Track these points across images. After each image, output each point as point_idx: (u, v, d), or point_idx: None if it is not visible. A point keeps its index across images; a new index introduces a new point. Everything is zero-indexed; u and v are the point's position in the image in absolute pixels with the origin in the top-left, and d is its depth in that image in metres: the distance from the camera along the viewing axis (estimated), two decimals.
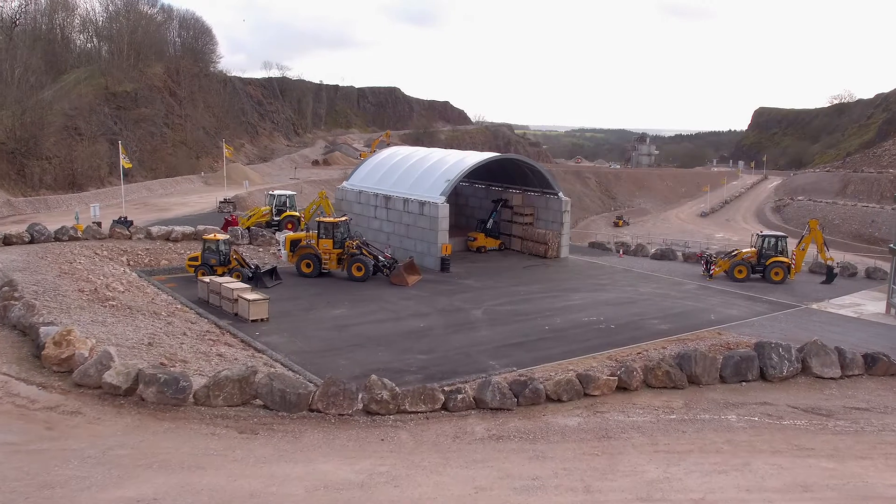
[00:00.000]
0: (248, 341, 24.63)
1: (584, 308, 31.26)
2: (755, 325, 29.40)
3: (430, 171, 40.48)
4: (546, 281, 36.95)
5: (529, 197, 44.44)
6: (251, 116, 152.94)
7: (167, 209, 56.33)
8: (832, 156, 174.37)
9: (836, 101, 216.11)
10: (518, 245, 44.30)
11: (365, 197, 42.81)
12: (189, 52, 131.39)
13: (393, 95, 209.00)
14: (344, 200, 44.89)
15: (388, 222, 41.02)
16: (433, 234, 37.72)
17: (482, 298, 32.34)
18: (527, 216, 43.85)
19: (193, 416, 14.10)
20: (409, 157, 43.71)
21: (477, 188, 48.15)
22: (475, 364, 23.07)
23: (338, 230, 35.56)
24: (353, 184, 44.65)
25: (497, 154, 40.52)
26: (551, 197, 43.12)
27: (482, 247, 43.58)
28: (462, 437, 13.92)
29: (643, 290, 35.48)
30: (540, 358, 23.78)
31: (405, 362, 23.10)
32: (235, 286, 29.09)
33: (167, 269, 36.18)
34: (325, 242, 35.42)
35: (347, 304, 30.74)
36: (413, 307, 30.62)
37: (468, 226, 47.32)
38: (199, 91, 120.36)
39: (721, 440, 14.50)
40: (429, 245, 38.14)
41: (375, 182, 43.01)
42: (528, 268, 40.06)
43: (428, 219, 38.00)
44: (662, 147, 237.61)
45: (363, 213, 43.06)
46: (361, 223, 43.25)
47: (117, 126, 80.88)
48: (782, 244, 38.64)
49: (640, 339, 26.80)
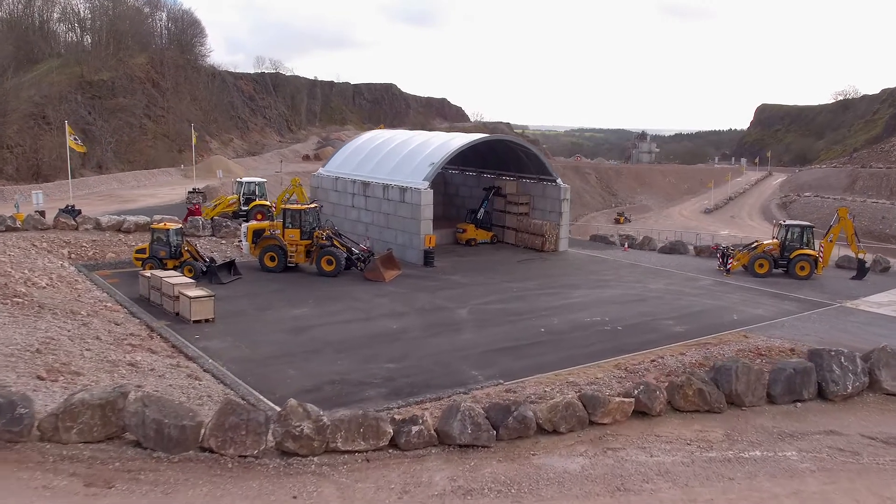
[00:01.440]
0: (180, 346, 20.36)
1: (585, 307, 27.00)
2: (785, 327, 25.19)
3: (412, 154, 36.21)
4: (543, 276, 32.67)
5: (525, 184, 40.18)
6: (242, 111, 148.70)
7: (133, 200, 52.01)
8: (838, 152, 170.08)
9: (841, 97, 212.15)
10: (512, 237, 39.99)
11: (342, 184, 38.53)
12: (176, 44, 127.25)
13: (389, 92, 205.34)
14: (320, 188, 40.61)
15: (367, 211, 36.75)
16: (415, 224, 33.45)
17: (469, 296, 28.08)
18: (522, 205, 39.56)
19: (31, 459, 9.82)
20: (391, 141, 39.43)
21: (467, 175, 43.88)
22: (454, 375, 18.84)
23: (305, 219, 31.29)
24: (330, 170, 40.36)
25: (487, 135, 36.41)
26: (549, 184, 38.86)
27: (472, 239, 39.29)
28: (414, 490, 9.64)
29: (653, 286, 31.21)
30: (533, 367, 19.58)
31: (368, 372, 18.87)
32: (177, 281, 24.80)
33: (113, 263, 31.90)
34: (292, 233, 31.13)
35: (312, 303, 26.47)
36: (388, 306, 26.36)
37: (457, 216, 43.04)
38: (185, 83, 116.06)
39: (784, 491, 10.24)
40: (411, 236, 33.87)
41: (353, 168, 38.72)
42: (523, 262, 35.77)
43: (410, 207, 33.72)
44: (662, 145, 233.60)
45: (340, 201, 38.79)
46: (338, 212, 38.96)
47: (91, 116, 76.55)
48: (808, 235, 34.36)
49: (653, 343, 22.61)
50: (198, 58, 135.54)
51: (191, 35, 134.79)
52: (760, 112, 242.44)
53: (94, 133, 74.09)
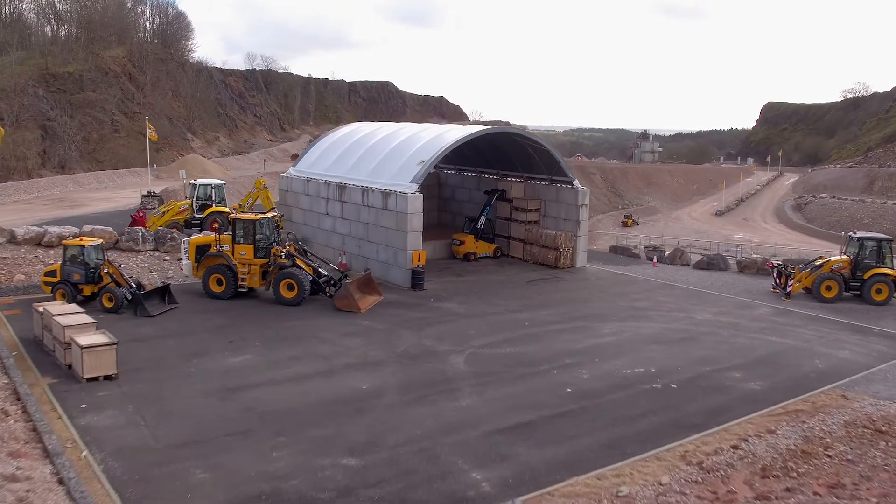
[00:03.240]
0: (43, 428, 13.83)
1: (620, 349, 20.49)
2: (890, 380, 18.82)
3: (398, 150, 29.68)
4: (560, 303, 26.12)
5: (534, 187, 33.64)
6: (230, 109, 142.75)
7: (84, 205, 45.40)
8: (851, 151, 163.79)
9: (850, 95, 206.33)
10: (519, 251, 33.42)
11: (314, 186, 31.98)
12: (160, 38, 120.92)
13: (385, 90, 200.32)
14: (289, 191, 34.05)
15: (343, 220, 30.20)
16: (401, 238, 26.92)
17: (467, 334, 21.55)
18: (531, 212, 33.03)
19: None
20: (374, 135, 32.87)
21: (465, 176, 37.33)
22: (445, 481, 12.40)
23: (260, 231, 24.76)
24: (302, 169, 33.79)
25: (487, 127, 29.84)
26: (563, 187, 32.33)
27: (471, 253, 32.72)
28: None
29: (700, 316, 24.70)
30: (561, 460, 13.26)
31: (316, 477, 12.44)
32: (71, 321, 18.23)
33: (21, 288, 25.33)
34: (243, 249, 24.59)
35: (259, 346, 19.95)
36: (359, 350, 19.83)
37: (453, 225, 36.52)
38: (166, 78, 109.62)
39: None
40: (395, 252, 27.33)
41: (328, 167, 32.17)
42: (534, 283, 29.22)
43: (394, 215, 27.19)
44: (664, 145, 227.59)
45: (312, 207, 32.25)
46: (310, 221, 32.42)
47: (54, 111, 69.89)
48: (886, 248, 27.89)
49: (724, 410, 16.29)
50: (183, 53, 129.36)
51: (176, 28, 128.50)
52: (767, 110, 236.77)
53: (56, 130, 67.45)
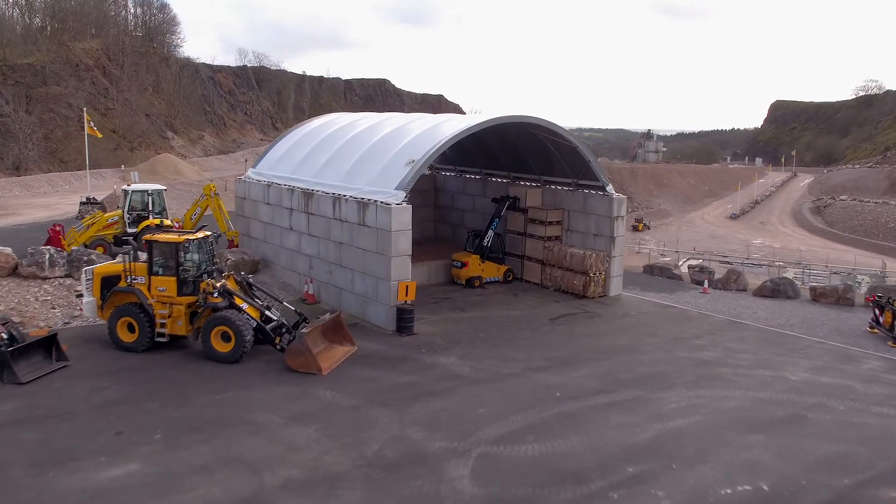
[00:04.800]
0: None
1: (704, 445, 13.63)
2: None
3: (381, 147, 22.79)
4: (599, 355, 19.22)
5: (555, 194, 26.80)
6: (218, 106, 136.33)
7: (15, 213, 38.42)
8: (868, 150, 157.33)
9: (863, 93, 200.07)
10: (536, 274, 26.54)
11: (276, 193, 25.10)
12: (143, 31, 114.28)
13: (382, 88, 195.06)
14: (247, 199, 27.19)
15: (311, 238, 23.30)
16: (382, 263, 20.03)
17: (473, 416, 14.67)
18: (551, 225, 26.17)
19: None
20: (352, 128, 25.96)
21: (468, 179, 30.49)
22: None
23: (187, 257, 17.91)
24: (262, 172, 26.89)
25: (496, 117, 22.99)
26: (593, 193, 25.45)
27: (476, 278, 25.84)
28: None
29: (794, 376, 17.85)
30: None
31: None
32: None
33: None
34: (163, 282, 17.74)
35: (158, 443, 13.12)
36: (309, 450, 12.97)
37: (454, 240, 29.72)
38: (147, 73, 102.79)
39: None
40: (375, 283, 20.43)
41: (293, 168, 25.27)
42: (560, 321, 22.35)
43: (373, 233, 20.30)
44: (667, 145, 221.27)
45: (274, 220, 25.37)
46: (272, 237, 25.57)
47: (9, 105, 62.93)
48: None
49: None
50: (169, 47, 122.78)
51: (160, 21, 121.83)
52: (775, 109, 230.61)
53: (11, 126, 60.55)
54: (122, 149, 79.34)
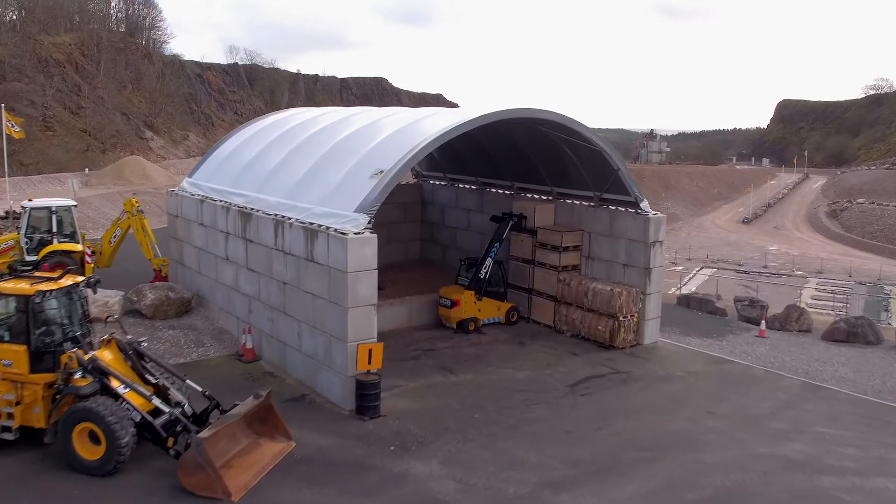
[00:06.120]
0: None
1: None
2: None
3: (342, 151, 16.98)
4: (647, 454, 13.37)
5: (572, 210, 20.97)
6: (206, 105, 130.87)
7: None
8: (881, 151, 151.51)
9: (873, 92, 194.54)
10: (548, 313, 20.69)
11: (210, 211, 19.30)
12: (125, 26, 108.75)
13: (379, 87, 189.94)
14: (180, 217, 21.37)
15: (250, 273, 17.50)
16: (336, 316, 14.20)
17: None
18: (568, 251, 20.34)
19: None
20: (312, 124, 20.13)
21: (461, 190, 24.71)
22: None
23: (44, 316, 12.13)
24: (199, 182, 21.04)
25: (495, 111, 17.30)
26: (622, 211, 19.64)
27: (470, 320, 20.00)
28: None
29: None
30: None
31: None
32: None
33: None
34: (9, 353, 11.96)
35: None
36: None
37: (445, 265, 23.96)
38: (126, 70, 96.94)
39: None
40: (328, 341, 14.61)
41: (234, 178, 19.46)
42: (583, 389, 16.53)
43: (325, 273, 14.49)
44: (670, 144, 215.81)
45: (208, 246, 19.58)
46: (207, 268, 19.78)
47: None
48: None
49: None
50: (155, 43, 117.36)
51: (143, 16, 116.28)
52: (782, 108, 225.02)
53: None
54: (93, 150, 73.59)
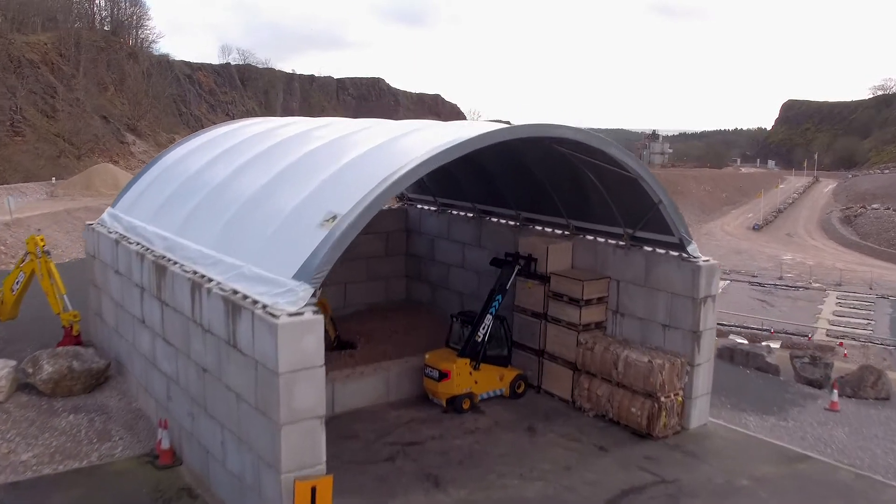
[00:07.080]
0: None
1: None
2: None
3: (289, 182, 12.49)
4: None
5: (596, 250, 16.40)
6: (196, 107, 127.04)
7: None
8: (893, 153, 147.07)
9: (881, 92, 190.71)
10: (565, 383, 16.10)
11: (125, 257, 14.82)
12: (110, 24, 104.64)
13: (377, 87, 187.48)
14: (97, 259, 16.87)
15: (167, 346, 13.02)
16: (265, 432, 9.71)
17: None
18: (590, 305, 15.75)
19: None
20: (265, 139, 15.62)
21: (455, 217, 20.18)
22: None
23: None
24: (119, 214, 16.52)
25: (502, 128, 13.22)
26: (662, 254, 15.10)
27: (464, 396, 15.41)
28: None
29: None
30: None
31: None
32: None
33: None
34: None
35: None
36: None
37: (435, 309, 19.48)
38: (108, 71, 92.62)
39: None
40: (256, 463, 10.12)
41: (156, 210, 14.95)
42: None
43: (249, 367, 10.01)
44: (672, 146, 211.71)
45: (124, 301, 15.08)
46: (124, 329, 15.30)
47: None
48: None
49: None
50: (143, 42, 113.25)
51: (129, 14, 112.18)
52: (787, 109, 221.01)
53: None
54: (66, 156, 69.15)
